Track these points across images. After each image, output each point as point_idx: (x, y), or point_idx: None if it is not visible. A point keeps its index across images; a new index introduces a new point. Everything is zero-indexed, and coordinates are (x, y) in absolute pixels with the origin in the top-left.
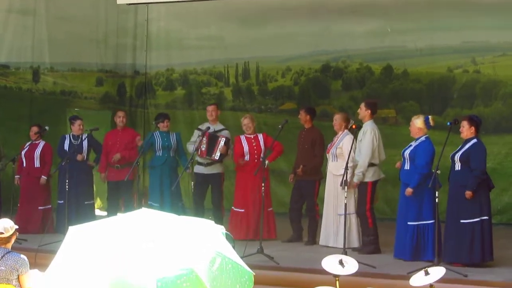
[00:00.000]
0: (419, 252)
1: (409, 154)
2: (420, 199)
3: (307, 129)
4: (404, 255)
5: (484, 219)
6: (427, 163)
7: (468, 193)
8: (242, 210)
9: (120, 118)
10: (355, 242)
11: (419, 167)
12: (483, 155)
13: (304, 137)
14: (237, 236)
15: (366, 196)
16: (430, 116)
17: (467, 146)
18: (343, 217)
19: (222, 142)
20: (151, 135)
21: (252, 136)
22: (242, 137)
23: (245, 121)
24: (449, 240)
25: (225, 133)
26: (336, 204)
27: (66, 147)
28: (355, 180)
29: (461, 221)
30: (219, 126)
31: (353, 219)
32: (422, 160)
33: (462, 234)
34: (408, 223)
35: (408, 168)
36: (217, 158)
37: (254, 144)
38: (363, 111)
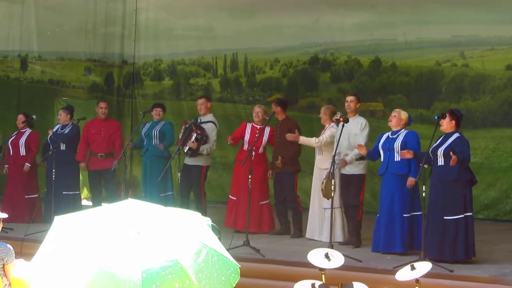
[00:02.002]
0: (413, 243)
1: (400, 145)
2: (414, 190)
3: (282, 120)
4: (396, 248)
5: (468, 215)
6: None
7: (454, 158)
8: (235, 198)
9: (102, 110)
10: (339, 236)
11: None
12: (468, 146)
13: (279, 129)
14: (231, 226)
15: (361, 188)
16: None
17: (450, 140)
18: (328, 210)
19: (193, 137)
20: (143, 126)
21: (258, 127)
22: (249, 125)
23: (257, 109)
24: (432, 237)
25: (208, 126)
26: (321, 198)
27: (49, 138)
28: (348, 159)
29: (445, 217)
30: (205, 118)
31: (338, 213)
32: (416, 150)
33: (446, 231)
34: (404, 215)
35: (399, 159)
36: (185, 151)
37: (257, 135)
38: (354, 104)
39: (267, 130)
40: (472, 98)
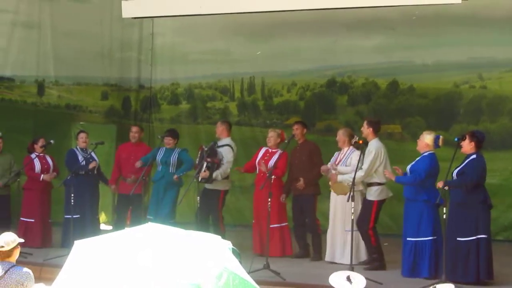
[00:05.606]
0: (416, 268)
1: (410, 168)
2: (419, 215)
3: (301, 143)
4: (404, 272)
5: (481, 237)
6: (423, 171)
7: (441, 183)
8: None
9: (133, 134)
10: (363, 255)
11: (414, 172)
12: (479, 168)
13: (299, 152)
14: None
15: (370, 215)
16: (441, 136)
17: (465, 162)
18: (349, 233)
19: (204, 166)
20: (156, 150)
21: (271, 151)
22: (264, 149)
23: (270, 133)
24: (447, 258)
25: (224, 149)
26: (344, 220)
27: (80, 160)
28: (339, 178)
29: (458, 239)
30: (222, 142)
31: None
32: (419, 168)
33: (458, 252)
34: (407, 239)
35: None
36: (200, 181)
37: (265, 158)
38: (365, 129)
39: (278, 153)
40: (491, 120)
